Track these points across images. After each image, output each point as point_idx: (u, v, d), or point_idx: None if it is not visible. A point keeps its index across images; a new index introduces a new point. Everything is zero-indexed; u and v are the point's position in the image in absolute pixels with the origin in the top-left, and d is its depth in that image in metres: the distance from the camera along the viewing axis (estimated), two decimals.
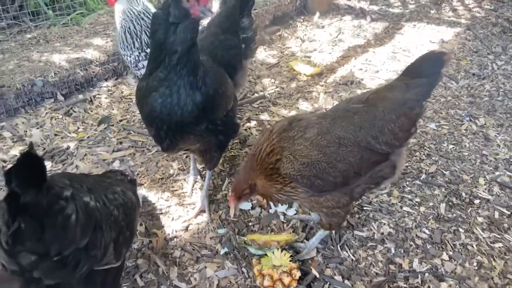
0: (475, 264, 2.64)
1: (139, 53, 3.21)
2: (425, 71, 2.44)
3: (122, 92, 3.89)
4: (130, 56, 3.23)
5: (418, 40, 4.99)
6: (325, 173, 2.24)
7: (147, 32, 3.13)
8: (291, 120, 2.42)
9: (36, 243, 1.54)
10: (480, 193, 3.09)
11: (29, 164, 1.43)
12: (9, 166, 1.45)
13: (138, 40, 3.19)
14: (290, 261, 2.49)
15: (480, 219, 2.91)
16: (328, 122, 2.33)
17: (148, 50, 2.98)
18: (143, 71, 3.09)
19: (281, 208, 2.92)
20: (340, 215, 2.47)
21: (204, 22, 3.33)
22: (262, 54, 4.62)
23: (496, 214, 2.95)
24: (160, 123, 2.42)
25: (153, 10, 3.25)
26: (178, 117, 2.36)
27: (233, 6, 3.03)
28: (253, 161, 2.33)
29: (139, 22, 3.18)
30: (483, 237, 2.79)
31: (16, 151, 3.22)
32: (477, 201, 3.03)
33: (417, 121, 2.50)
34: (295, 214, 2.90)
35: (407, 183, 3.13)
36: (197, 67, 2.36)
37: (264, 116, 3.73)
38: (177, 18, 2.19)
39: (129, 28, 3.16)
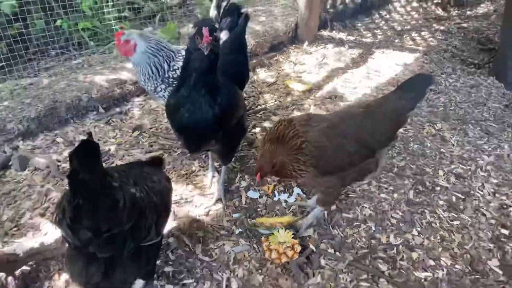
0: (438, 237, 2.68)
1: (160, 81, 3.06)
2: (414, 88, 2.54)
3: (150, 106, 3.91)
4: (151, 85, 3.08)
5: (386, 63, 5.05)
6: (329, 157, 2.30)
7: (168, 61, 3.07)
8: (308, 115, 2.49)
9: (90, 220, 1.56)
10: (440, 182, 3.14)
11: (88, 149, 1.47)
12: (70, 151, 1.44)
13: (161, 70, 3.03)
14: (292, 238, 2.51)
15: (441, 202, 2.95)
16: (337, 120, 2.40)
17: (166, 76, 3.04)
18: (161, 94, 3.09)
19: (283, 196, 2.94)
20: (333, 195, 2.55)
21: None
22: (263, 74, 4.66)
23: (453, 198, 3.00)
24: (188, 133, 2.52)
25: (164, 41, 3.18)
26: (202, 128, 2.44)
27: (240, 31, 3.14)
28: (275, 145, 2.32)
29: (161, 54, 3.04)
30: (444, 216, 2.83)
31: (68, 153, 3.22)
32: (438, 188, 3.08)
33: (401, 127, 2.58)
34: (294, 201, 2.92)
35: (383, 175, 3.17)
36: (215, 87, 2.42)
37: (266, 124, 3.77)
38: (192, 50, 2.32)
39: (154, 61, 3.00)
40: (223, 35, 3.30)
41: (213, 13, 3.41)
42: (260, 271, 2.42)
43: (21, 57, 4.05)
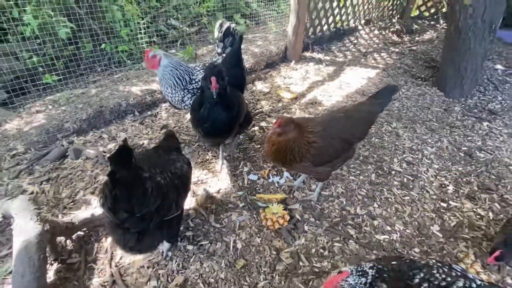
0: (393, 209, 2.69)
1: (186, 91, 2.98)
2: (383, 95, 2.55)
3: (174, 110, 3.88)
4: (178, 96, 2.98)
5: (354, 77, 5.02)
6: (322, 154, 2.31)
7: (188, 74, 2.99)
8: (308, 119, 2.48)
9: (126, 205, 1.62)
10: (395, 167, 3.14)
11: (123, 152, 1.49)
12: (109, 155, 1.45)
13: (183, 80, 2.95)
14: (283, 210, 2.53)
15: (395, 183, 2.96)
16: (326, 123, 2.38)
17: (190, 88, 3.02)
18: (187, 102, 3.02)
19: (276, 178, 2.94)
20: (325, 177, 2.57)
21: (219, 60, 3.37)
22: (260, 86, 4.63)
23: (405, 180, 3.01)
24: (212, 135, 2.69)
25: (183, 61, 3.08)
26: (223, 131, 2.66)
27: (237, 48, 3.11)
28: (297, 128, 2.26)
29: (181, 68, 2.96)
30: (398, 193, 2.84)
31: (111, 146, 3.21)
32: (393, 172, 3.08)
33: (372, 125, 2.61)
34: (284, 182, 2.92)
35: (352, 162, 3.17)
36: (227, 104, 2.54)
37: (263, 124, 3.75)
38: (205, 88, 2.44)
39: (177, 74, 2.92)
40: (227, 51, 3.32)
41: (217, 34, 3.39)
42: (258, 234, 2.43)
43: (74, 72, 4.00)
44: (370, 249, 2.34)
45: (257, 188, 2.85)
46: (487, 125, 3.95)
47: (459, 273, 1.50)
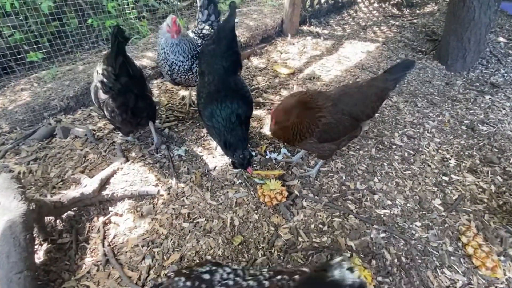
0: (394, 184, 2.61)
1: (193, 60, 2.86)
2: (398, 71, 2.34)
3: (167, 87, 3.70)
4: (188, 65, 2.85)
5: (353, 51, 4.81)
6: (331, 131, 2.18)
7: (195, 44, 2.87)
8: (318, 92, 2.33)
9: (125, 71, 2.23)
10: (396, 142, 3.04)
11: (123, 31, 2.11)
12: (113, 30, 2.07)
13: (194, 50, 2.83)
14: (281, 186, 2.44)
15: (396, 157, 2.86)
16: (337, 98, 2.21)
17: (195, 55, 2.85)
18: (194, 70, 2.86)
19: (273, 155, 2.83)
20: (329, 154, 2.44)
21: (205, 29, 3.10)
22: (256, 61, 4.43)
23: (406, 154, 2.91)
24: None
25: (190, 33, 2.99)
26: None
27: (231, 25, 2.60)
28: (299, 107, 2.14)
29: (192, 38, 2.90)
30: (399, 168, 2.75)
31: (101, 124, 3.06)
32: (394, 146, 2.98)
33: (383, 102, 2.46)
34: (282, 159, 2.82)
35: None
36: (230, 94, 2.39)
37: (260, 99, 3.60)
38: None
39: (191, 42, 2.82)
40: (212, 19, 3.12)
41: (202, 0, 3.08)
42: (256, 211, 2.35)
43: (60, 50, 3.77)
44: (370, 224, 2.27)
45: (254, 165, 2.74)
46: (490, 98, 3.82)
47: None
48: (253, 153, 2.83)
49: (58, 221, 2.13)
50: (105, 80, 2.24)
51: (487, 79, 4.22)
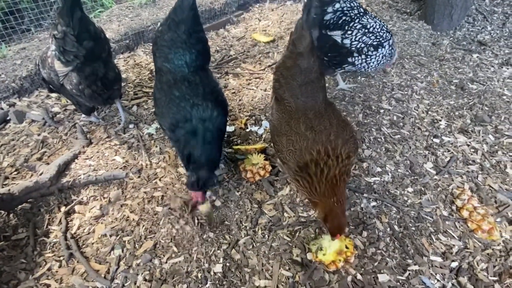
0: (383, 149, 2.41)
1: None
2: None
3: (135, 61, 3.32)
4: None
5: None
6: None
7: None
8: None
9: (87, 32, 1.92)
10: (383, 106, 2.81)
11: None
12: None
13: None
14: (264, 160, 2.20)
15: (385, 122, 2.65)
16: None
17: None
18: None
19: (254, 128, 2.58)
20: None
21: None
22: (233, 31, 4.05)
23: (395, 118, 2.70)
24: None
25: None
26: None
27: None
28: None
29: None
30: (388, 133, 2.55)
31: (57, 107, 2.70)
32: (382, 111, 2.76)
33: None
34: (262, 132, 2.56)
35: (337, 103, 2.82)
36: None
37: (238, 70, 3.28)
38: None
39: None
40: None
41: None
42: (237, 188, 2.12)
43: (12, 28, 3.28)
44: (360, 193, 2.08)
45: (234, 140, 2.48)
46: (477, 56, 3.60)
47: None
48: (232, 128, 2.56)
49: (11, 215, 1.85)
50: (66, 46, 1.83)
51: (474, 37, 3.98)
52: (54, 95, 2.80)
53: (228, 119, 2.57)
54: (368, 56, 2.58)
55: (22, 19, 3.50)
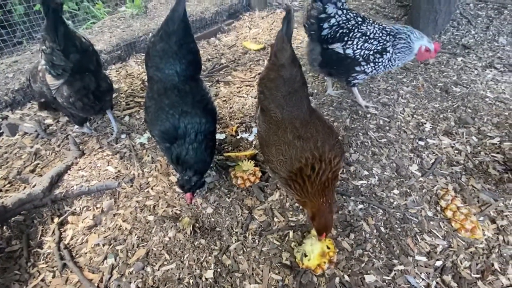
0: (370, 153, 2.48)
1: None
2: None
3: (127, 72, 3.38)
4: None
5: None
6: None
7: None
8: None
9: (74, 46, 1.98)
10: (370, 110, 2.89)
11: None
12: None
13: None
14: (254, 166, 2.26)
15: (371, 126, 2.72)
16: None
17: None
18: None
19: (245, 135, 2.64)
20: None
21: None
22: (224, 39, 4.13)
23: (381, 122, 2.77)
24: None
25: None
26: None
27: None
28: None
29: None
30: (374, 136, 2.62)
31: (50, 118, 2.73)
32: (369, 115, 2.84)
33: None
34: (253, 139, 2.62)
35: (325, 109, 2.90)
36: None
37: (229, 78, 3.35)
38: None
39: None
40: None
41: None
42: (228, 195, 2.17)
43: (4, 42, 3.33)
44: (347, 196, 2.14)
45: (225, 147, 2.53)
46: (462, 60, 3.71)
47: None
48: (223, 135, 2.61)
49: (5, 227, 1.88)
50: (55, 61, 1.90)
51: (458, 41, 4.10)
52: None
53: (218, 126, 2.65)
54: (376, 62, 2.55)
55: (14, 33, 3.55)
